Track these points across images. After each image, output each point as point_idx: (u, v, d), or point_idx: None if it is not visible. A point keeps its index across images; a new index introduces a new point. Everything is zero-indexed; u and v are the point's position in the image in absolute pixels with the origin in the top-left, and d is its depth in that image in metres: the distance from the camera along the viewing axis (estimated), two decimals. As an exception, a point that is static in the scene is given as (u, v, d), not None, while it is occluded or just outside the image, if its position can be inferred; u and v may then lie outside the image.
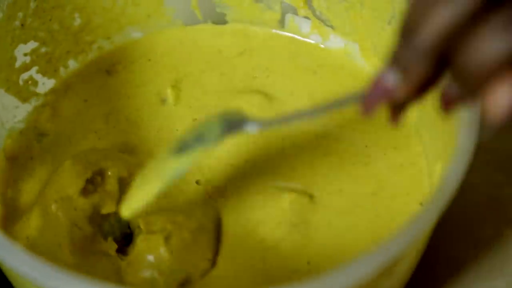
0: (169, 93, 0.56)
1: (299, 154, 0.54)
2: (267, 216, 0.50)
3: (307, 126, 0.55)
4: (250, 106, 0.55)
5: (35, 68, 0.55)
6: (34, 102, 0.55)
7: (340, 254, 0.49)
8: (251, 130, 0.43)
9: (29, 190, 0.51)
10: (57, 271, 0.36)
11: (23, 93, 0.54)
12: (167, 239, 0.47)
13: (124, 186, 0.49)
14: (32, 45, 0.54)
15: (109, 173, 0.49)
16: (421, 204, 0.50)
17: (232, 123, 0.43)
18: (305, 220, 0.50)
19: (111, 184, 0.49)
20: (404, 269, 0.43)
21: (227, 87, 0.57)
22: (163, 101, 0.56)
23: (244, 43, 0.60)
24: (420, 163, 0.52)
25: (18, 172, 0.52)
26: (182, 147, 0.45)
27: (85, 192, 0.48)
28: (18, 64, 0.53)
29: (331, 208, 0.51)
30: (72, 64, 0.57)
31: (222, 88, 0.57)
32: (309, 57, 0.59)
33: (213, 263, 0.48)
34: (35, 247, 0.47)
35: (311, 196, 0.51)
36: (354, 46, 0.58)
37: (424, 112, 0.52)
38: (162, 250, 0.46)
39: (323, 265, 0.48)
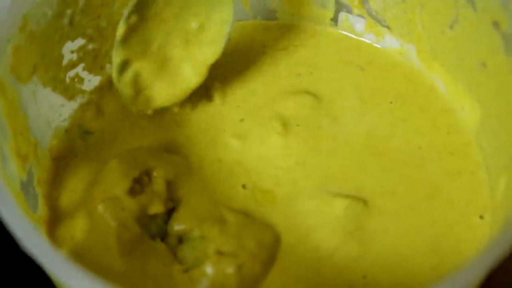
0: (216, 91, 0.55)
1: (349, 154, 0.52)
2: (321, 223, 0.49)
3: (357, 125, 0.53)
4: (300, 106, 0.54)
5: (81, 66, 0.53)
6: (79, 100, 0.54)
7: (398, 265, 0.47)
8: None
9: (73, 190, 0.50)
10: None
11: (69, 91, 0.53)
12: (239, 268, 0.45)
13: (170, 186, 0.48)
14: (79, 42, 0.52)
15: (156, 173, 0.48)
16: (481, 217, 0.49)
17: None
18: (360, 226, 0.48)
19: (159, 184, 0.48)
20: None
21: (272, 85, 0.56)
22: (210, 98, 0.55)
23: (289, 38, 0.59)
24: (480, 174, 0.51)
25: (63, 172, 0.51)
26: None
27: (132, 192, 0.47)
28: (65, 62, 0.52)
29: (387, 213, 0.49)
30: (119, 61, 0.56)
31: (268, 88, 0.56)
32: (357, 54, 0.58)
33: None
34: (81, 249, 0.46)
35: (365, 201, 0.49)
36: (410, 48, 0.56)
37: (486, 121, 0.50)
38: (232, 279, 0.45)
39: (380, 280, 0.46)
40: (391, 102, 0.54)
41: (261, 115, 0.54)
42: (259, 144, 0.52)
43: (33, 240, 0.37)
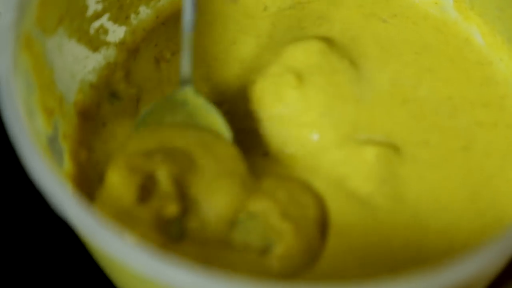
0: None
1: (375, 101, 0.50)
2: (353, 171, 0.47)
3: (379, 72, 0.51)
4: (310, 53, 0.51)
5: (106, 16, 0.51)
6: (104, 52, 0.52)
7: (438, 212, 0.46)
8: None
9: (99, 149, 0.49)
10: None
11: (94, 43, 0.51)
12: (303, 233, 0.44)
13: (179, 182, 0.45)
14: (104, -9, 0.51)
15: (159, 174, 0.44)
16: None
17: None
18: (394, 174, 0.47)
19: (165, 184, 0.44)
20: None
21: (277, 39, 0.53)
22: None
23: None
24: None
25: (89, 129, 0.50)
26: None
27: (141, 200, 0.43)
28: (89, 12, 0.50)
29: (420, 161, 0.48)
30: (143, 11, 0.54)
31: (272, 42, 0.53)
32: (382, 6, 0.55)
33: None
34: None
35: (396, 149, 0.48)
36: (447, -1, 0.54)
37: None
38: (300, 245, 0.44)
39: (430, 219, 0.46)
40: (416, 53, 0.52)
41: (269, 72, 0.51)
42: (276, 104, 0.50)
43: (62, 196, 0.36)
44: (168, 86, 0.51)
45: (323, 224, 0.45)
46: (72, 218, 0.36)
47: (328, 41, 0.52)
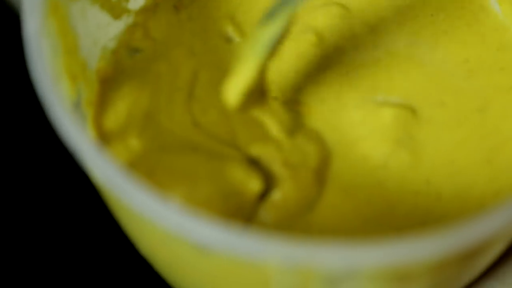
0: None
1: (393, 63, 0.51)
2: (369, 133, 0.48)
3: (396, 35, 0.52)
4: (330, 17, 0.52)
5: (128, -17, 0.52)
6: (125, 20, 0.52)
7: (454, 174, 0.47)
8: None
9: (118, 110, 0.49)
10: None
11: (116, 10, 0.51)
12: (298, 182, 0.45)
13: None
14: (126, -42, 0.51)
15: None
16: None
17: None
18: (410, 135, 0.48)
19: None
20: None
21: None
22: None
23: None
24: None
25: (109, 93, 0.50)
26: (271, 14, 0.42)
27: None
28: (112, -21, 0.50)
29: (436, 123, 0.48)
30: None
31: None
32: None
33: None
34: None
35: (413, 110, 0.48)
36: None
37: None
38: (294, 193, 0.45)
39: (444, 185, 0.46)
40: (432, 15, 0.53)
41: (291, 30, 0.51)
42: (296, 60, 0.50)
43: (94, 153, 0.37)
44: (190, 34, 0.52)
45: (321, 174, 0.46)
46: (105, 178, 0.37)
47: (346, 7, 0.53)
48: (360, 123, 0.48)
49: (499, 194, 0.46)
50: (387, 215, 0.45)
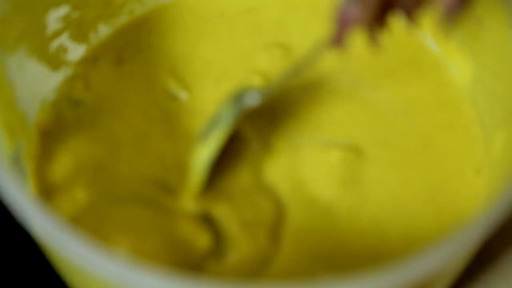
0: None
1: (337, 102, 0.51)
2: (317, 174, 0.48)
3: (339, 74, 0.53)
4: (273, 58, 0.53)
5: (65, 34, 0.52)
6: (64, 71, 0.52)
7: (399, 212, 0.47)
8: (252, 102, 0.47)
9: (65, 163, 0.48)
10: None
11: (54, 61, 0.51)
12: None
13: None
14: (63, 9, 0.51)
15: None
16: (477, 171, 0.48)
17: (238, 99, 0.47)
18: (357, 175, 0.48)
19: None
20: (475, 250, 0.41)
21: (242, 43, 0.54)
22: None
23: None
24: (474, 129, 0.50)
25: (53, 146, 0.49)
26: (205, 135, 0.46)
27: None
28: (49, 31, 0.50)
29: (382, 162, 0.49)
30: (102, 30, 0.54)
31: (238, 45, 0.54)
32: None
33: None
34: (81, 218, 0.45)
35: (358, 151, 0.49)
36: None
37: (480, 77, 0.50)
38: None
39: (390, 224, 0.47)
40: (374, 54, 0.54)
41: (236, 73, 0.53)
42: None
43: (32, 209, 0.36)
44: (135, 91, 0.52)
45: (276, 230, 0.46)
46: (44, 233, 0.36)
47: (289, 46, 0.54)
48: (309, 165, 0.49)
49: (444, 230, 0.46)
50: (337, 255, 0.45)
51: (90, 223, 0.45)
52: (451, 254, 0.35)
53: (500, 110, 0.47)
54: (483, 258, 0.50)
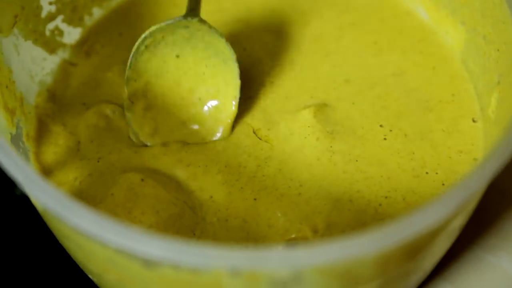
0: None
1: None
2: (300, 137, 0.49)
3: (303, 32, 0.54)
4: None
5: (60, 17, 0.52)
6: (61, 54, 0.53)
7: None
8: None
9: (57, 143, 0.49)
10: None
11: (50, 44, 0.52)
12: None
13: None
14: (57, -8, 0.52)
15: None
16: (473, 121, 0.49)
17: None
18: (336, 125, 0.49)
19: None
20: (473, 206, 0.42)
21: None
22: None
23: None
24: (467, 90, 0.51)
25: (47, 128, 0.50)
26: None
27: None
28: (44, 13, 0.51)
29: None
30: (97, 12, 0.55)
31: None
32: None
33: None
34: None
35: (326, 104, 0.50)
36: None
37: (471, 43, 0.51)
38: None
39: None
40: (339, 11, 0.56)
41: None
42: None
43: (36, 182, 0.36)
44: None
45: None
46: (48, 205, 0.36)
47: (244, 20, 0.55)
48: (292, 134, 0.49)
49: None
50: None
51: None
52: (458, 203, 0.35)
53: (493, 73, 0.48)
54: (481, 221, 0.51)
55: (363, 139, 0.48)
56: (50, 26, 0.52)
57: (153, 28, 0.48)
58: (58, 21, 0.52)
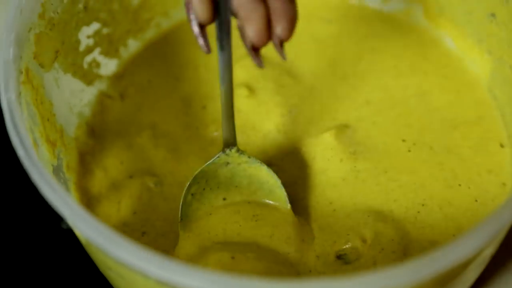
0: None
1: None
2: (323, 156, 0.50)
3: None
4: (248, 68, 0.54)
5: (97, 50, 0.54)
6: (98, 86, 0.55)
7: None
8: None
9: (104, 174, 0.51)
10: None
11: (88, 76, 0.54)
12: None
13: None
14: (94, 26, 0.53)
15: None
16: (501, 146, 0.50)
17: None
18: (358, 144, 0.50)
19: None
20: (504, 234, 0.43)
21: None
22: None
23: None
24: (494, 117, 0.52)
25: (91, 158, 0.52)
26: None
27: None
28: (82, 47, 0.53)
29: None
30: (132, 44, 0.57)
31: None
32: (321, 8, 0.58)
33: None
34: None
35: (347, 125, 0.51)
36: (416, 7, 0.57)
37: (497, 71, 0.52)
38: None
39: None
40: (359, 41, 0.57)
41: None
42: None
43: (81, 215, 0.38)
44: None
45: None
46: (93, 239, 0.37)
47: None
48: (315, 155, 0.50)
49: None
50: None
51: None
52: (490, 236, 0.36)
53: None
54: (510, 245, 0.51)
55: (386, 153, 0.50)
56: (88, 58, 0.53)
57: (196, 173, 0.47)
58: (95, 54, 0.54)
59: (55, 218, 0.39)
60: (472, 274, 0.42)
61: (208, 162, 0.47)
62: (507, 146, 0.50)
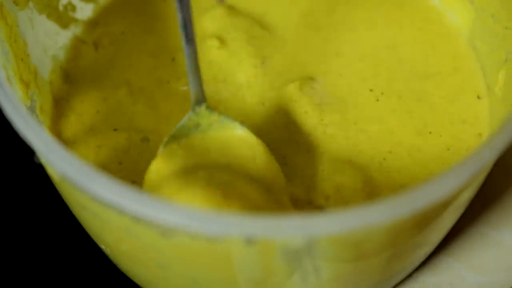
0: None
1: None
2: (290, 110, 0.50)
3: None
4: (218, 18, 0.54)
5: (73, -8, 0.53)
6: (73, 29, 0.54)
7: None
8: None
9: (78, 120, 0.50)
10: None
11: (63, 19, 0.53)
12: None
13: None
14: (70, -34, 0.52)
15: None
16: (478, 97, 0.50)
17: None
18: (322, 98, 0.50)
19: None
20: (481, 180, 0.43)
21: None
22: None
23: None
24: (474, 70, 0.51)
25: (65, 103, 0.51)
26: None
27: None
28: (57, -12, 0.52)
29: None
30: (109, -11, 0.56)
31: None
32: None
33: None
34: None
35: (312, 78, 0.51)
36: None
37: (479, 22, 0.51)
38: None
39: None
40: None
41: None
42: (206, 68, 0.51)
43: (55, 149, 0.37)
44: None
45: None
46: (68, 174, 0.36)
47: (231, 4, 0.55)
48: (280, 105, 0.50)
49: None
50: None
51: None
52: (468, 176, 0.35)
53: (501, 51, 0.48)
54: (484, 197, 0.52)
55: (354, 104, 0.49)
56: (64, 1, 0.52)
57: (166, 140, 0.45)
58: (71, -4, 0.53)
59: (28, 152, 0.39)
60: (449, 218, 0.42)
61: (178, 126, 0.45)
62: (485, 97, 0.50)
